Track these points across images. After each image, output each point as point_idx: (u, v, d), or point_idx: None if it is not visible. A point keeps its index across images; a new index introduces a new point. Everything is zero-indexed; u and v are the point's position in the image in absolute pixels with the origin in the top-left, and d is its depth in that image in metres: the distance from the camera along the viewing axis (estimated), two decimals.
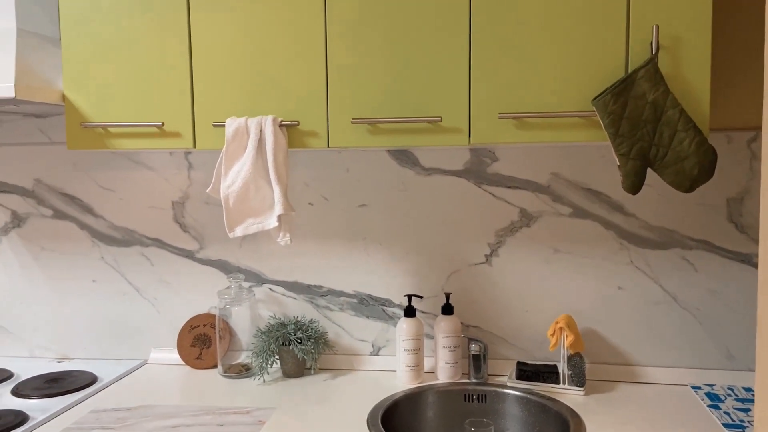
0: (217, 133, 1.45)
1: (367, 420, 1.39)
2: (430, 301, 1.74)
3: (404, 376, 1.61)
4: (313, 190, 1.77)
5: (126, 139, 1.47)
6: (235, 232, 1.45)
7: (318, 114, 1.41)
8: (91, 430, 1.36)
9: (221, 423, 1.39)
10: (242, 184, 1.42)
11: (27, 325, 1.90)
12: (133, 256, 1.85)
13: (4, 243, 1.89)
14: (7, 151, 1.87)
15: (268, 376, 1.69)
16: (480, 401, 1.56)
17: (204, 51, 1.43)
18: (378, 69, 1.37)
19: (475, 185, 1.69)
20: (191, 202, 1.82)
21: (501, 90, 1.33)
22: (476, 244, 1.71)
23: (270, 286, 1.81)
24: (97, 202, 1.85)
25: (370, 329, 1.77)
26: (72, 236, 1.86)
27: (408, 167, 1.72)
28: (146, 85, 1.45)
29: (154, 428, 1.37)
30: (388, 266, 1.75)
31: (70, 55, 1.47)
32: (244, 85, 1.43)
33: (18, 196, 1.87)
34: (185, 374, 1.74)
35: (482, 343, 1.60)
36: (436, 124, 1.36)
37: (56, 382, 1.64)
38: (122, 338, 1.87)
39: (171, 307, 1.85)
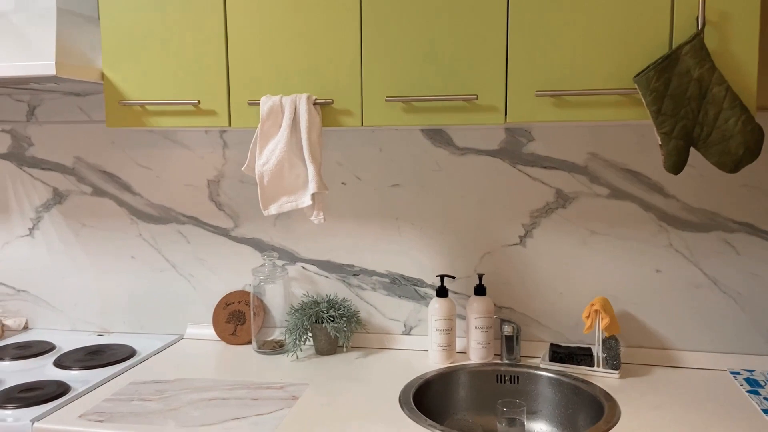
0: (252, 111, 1.46)
1: (399, 398, 1.39)
2: (463, 281, 1.73)
3: (436, 356, 1.62)
4: (345, 170, 1.77)
5: (163, 117, 1.49)
6: (269, 210, 1.46)
7: (352, 92, 1.40)
8: (130, 401, 1.40)
9: (256, 397, 1.41)
10: (277, 162, 1.43)
11: (68, 299, 1.95)
12: (170, 233, 1.88)
13: (46, 219, 1.94)
14: (48, 129, 1.91)
15: (301, 353, 1.71)
16: (512, 382, 1.55)
17: (239, 29, 1.43)
18: (413, 46, 1.36)
19: (510, 165, 1.67)
20: (226, 180, 1.84)
21: (539, 67, 1.30)
22: (510, 225, 1.69)
23: (303, 265, 1.83)
24: (135, 179, 1.88)
25: (401, 309, 1.77)
26: (111, 213, 1.90)
27: (442, 147, 1.70)
28: (183, 64, 1.46)
29: (191, 400, 1.40)
30: (420, 246, 1.74)
31: (109, 34, 1.49)
32: (279, 63, 1.43)
33: (59, 174, 1.92)
34: (220, 349, 1.77)
35: (515, 325, 1.59)
36: (472, 103, 1.34)
37: (96, 355, 1.69)
38: (159, 313, 1.91)
39: (206, 284, 1.88)
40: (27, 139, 1.92)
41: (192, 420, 1.29)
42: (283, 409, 1.35)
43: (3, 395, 1.42)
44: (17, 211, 1.95)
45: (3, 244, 1.97)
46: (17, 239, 1.96)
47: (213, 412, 1.33)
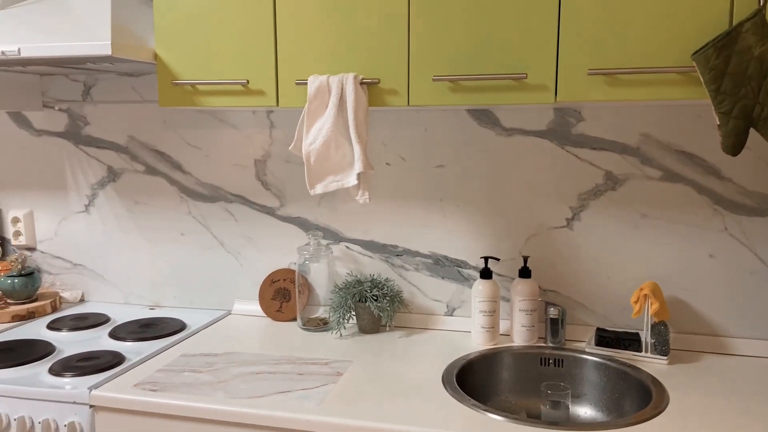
0: (300, 91, 1.47)
1: (442, 377, 1.40)
2: (507, 264, 1.72)
3: (479, 337, 1.61)
4: (390, 150, 1.77)
5: (213, 96, 1.52)
6: (315, 190, 1.48)
7: (399, 71, 1.40)
8: (182, 373, 1.44)
9: (301, 372, 1.44)
10: (323, 141, 1.44)
11: (122, 273, 2.02)
12: (218, 211, 1.92)
13: (101, 196, 2.01)
14: (103, 108, 1.97)
15: (344, 331, 1.74)
16: (556, 365, 1.54)
17: (288, 9, 1.44)
18: (461, 24, 1.34)
19: (559, 146, 1.64)
20: (272, 160, 1.86)
21: (591, 44, 1.27)
22: (557, 208, 1.66)
23: (347, 244, 1.84)
24: (185, 158, 1.92)
25: (444, 290, 1.77)
26: (162, 191, 1.95)
27: (488, 127, 1.69)
28: (232, 44, 1.48)
29: (239, 373, 1.44)
30: (464, 228, 1.74)
31: (162, 15, 1.52)
32: (326, 43, 1.43)
33: (113, 152, 1.98)
34: (266, 325, 1.81)
35: (561, 308, 1.57)
36: (521, 82, 1.32)
37: (149, 327, 1.75)
38: (208, 289, 1.96)
39: (253, 261, 1.92)
40: (83, 119, 1.98)
41: (240, 392, 1.33)
42: (328, 384, 1.37)
43: (61, 364, 1.48)
44: (74, 188, 2.02)
45: (60, 219, 2.05)
46: (74, 215, 2.04)
47: (260, 385, 1.36)
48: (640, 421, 1.20)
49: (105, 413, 1.34)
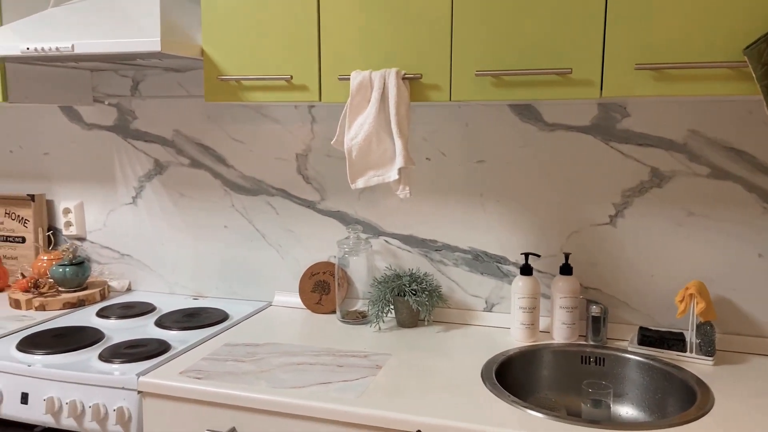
0: (342, 86, 1.48)
1: (481, 373, 1.40)
2: (548, 260, 1.70)
3: (518, 334, 1.61)
4: (430, 145, 1.77)
5: (257, 91, 1.54)
6: (356, 184, 1.49)
7: (441, 67, 1.40)
8: (225, 362, 1.48)
9: (341, 364, 1.46)
10: (365, 136, 1.45)
11: (167, 264, 2.08)
12: (260, 204, 1.96)
13: (148, 189, 2.06)
14: (150, 103, 2.02)
15: (383, 324, 1.75)
16: (598, 364, 1.53)
17: (332, 5, 1.45)
18: (504, 18, 1.33)
19: (602, 142, 1.62)
20: (314, 154, 1.88)
21: (639, 38, 1.25)
22: (600, 204, 1.64)
23: (386, 239, 1.85)
24: (229, 152, 1.96)
25: (484, 285, 1.77)
26: (206, 184, 2.00)
27: (530, 122, 1.67)
28: (277, 40, 1.50)
29: (280, 363, 1.46)
30: (504, 223, 1.73)
31: (209, 12, 1.55)
32: (369, 39, 1.44)
33: (160, 146, 2.03)
34: (306, 317, 1.83)
35: (603, 306, 1.55)
36: (566, 76, 1.31)
37: (193, 317, 1.80)
38: (249, 280, 2.00)
39: (293, 254, 1.95)
40: (131, 113, 2.04)
41: (282, 382, 1.36)
42: (368, 377, 1.39)
43: (111, 350, 1.54)
44: (122, 180, 2.08)
45: (109, 211, 2.11)
46: (122, 207, 2.10)
47: (301, 376, 1.39)
48: (683, 422, 1.18)
49: (152, 399, 1.39)
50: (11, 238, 2.16)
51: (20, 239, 2.16)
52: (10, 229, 2.16)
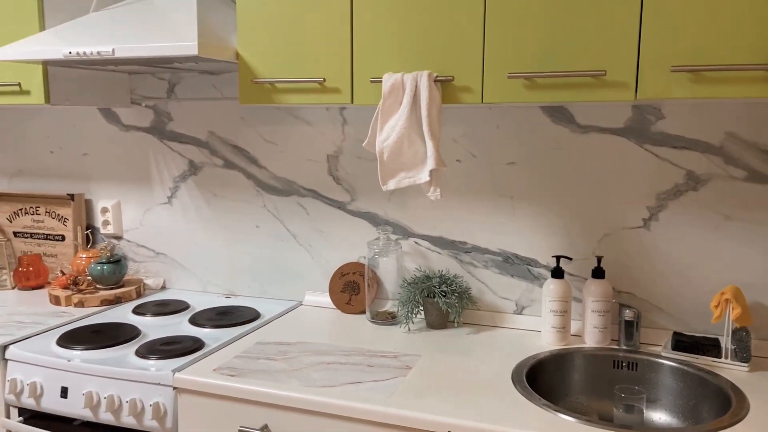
0: (374, 88, 1.49)
1: (511, 375, 1.40)
2: (580, 263, 1.69)
3: (549, 337, 1.60)
4: (461, 147, 1.77)
5: (291, 94, 1.56)
6: (388, 185, 1.50)
7: (473, 69, 1.40)
8: (257, 360, 1.50)
9: (371, 364, 1.47)
10: (396, 138, 1.46)
11: (200, 262, 2.12)
12: (291, 205, 1.98)
13: (182, 189, 2.10)
14: (186, 105, 2.06)
15: (413, 325, 1.76)
16: (630, 369, 1.51)
17: (365, 9, 1.46)
18: (537, 20, 1.33)
19: (636, 144, 1.60)
20: (344, 155, 1.90)
21: (676, 39, 1.23)
22: (634, 207, 1.62)
23: (416, 240, 1.86)
24: (261, 154, 1.99)
25: (514, 288, 1.77)
26: (239, 185, 2.03)
27: (562, 124, 1.66)
28: (310, 44, 1.52)
29: (311, 362, 1.48)
30: (535, 226, 1.72)
31: (245, 17, 1.58)
32: (401, 42, 1.45)
33: (194, 147, 2.07)
34: (336, 317, 1.85)
35: (636, 310, 1.54)
36: (599, 78, 1.30)
37: (225, 315, 1.83)
38: (280, 280, 2.03)
39: (323, 254, 1.97)
40: (167, 115, 2.08)
41: (313, 381, 1.37)
42: (398, 377, 1.40)
43: (147, 347, 1.57)
44: (158, 180, 2.13)
45: (145, 210, 2.16)
46: (157, 206, 2.15)
47: (332, 375, 1.40)
48: (718, 428, 1.16)
49: (187, 395, 1.42)
50: (51, 236, 2.23)
51: (60, 237, 2.22)
52: (50, 227, 2.23)
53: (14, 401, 1.58)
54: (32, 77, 1.81)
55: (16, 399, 1.57)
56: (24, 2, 1.79)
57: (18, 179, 2.34)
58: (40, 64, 1.77)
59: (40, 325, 1.75)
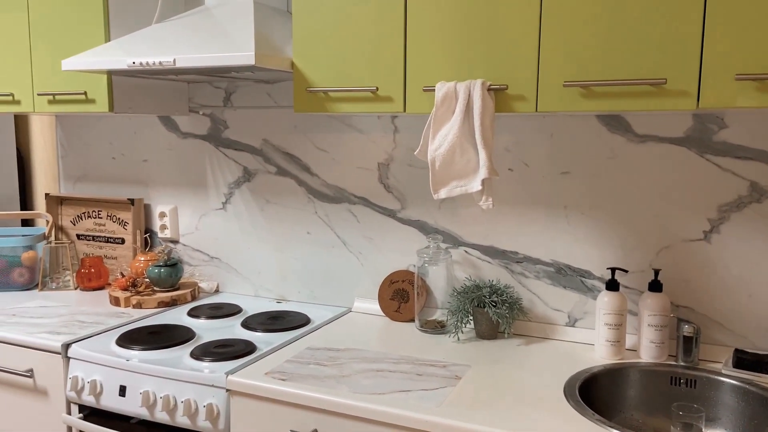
0: (427, 97, 1.50)
1: (563, 389, 1.37)
2: (636, 276, 1.65)
3: (603, 351, 1.56)
4: (513, 156, 1.75)
5: (344, 103, 1.58)
6: (439, 194, 1.50)
7: (527, 77, 1.38)
8: (308, 365, 1.52)
9: (420, 373, 1.47)
10: (449, 147, 1.46)
11: (253, 267, 2.16)
12: (342, 212, 2.00)
13: (237, 195, 2.15)
14: (241, 113, 2.11)
15: (462, 335, 1.75)
16: (688, 386, 1.46)
17: (418, 19, 1.47)
18: (594, 27, 1.30)
19: (697, 154, 1.55)
20: (395, 164, 1.91)
21: (740, 46, 1.19)
22: (694, 219, 1.57)
23: (466, 249, 1.85)
24: (313, 161, 2.02)
25: (566, 299, 1.73)
26: (291, 192, 2.07)
27: (619, 133, 1.63)
28: (364, 53, 1.54)
29: (361, 369, 1.49)
30: (589, 237, 1.69)
31: (300, 27, 1.60)
32: (454, 50, 1.45)
33: (249, 154, 2.12)
34: (385, 324, 1.86)
35: (695, 325, 1.49)
36: (659, 87, 1.27)
37: (276, 320, 1.86)
38: (330, 286, 2.05)
39: (373, 262, 1.98)
40: (223, 122, 2.14)
41: (363, 388, 1.38)
42: (447, 387, 1.39)
43: (201, 349, 1.61)
44: (213, 186, 2.19)
45: (201, 215, 2.22)
46: (213, 212, 2.20)
47: (381, 383, 1.41)
48: None
49: (239, 397, 1.45)
50: (112, 239, 2.32)
51: (120, 240, 2.30)
52: (111, 230, 2.32)
53: (75, 398, 1.64)
54: (97, 86, 1.89)
55: (77, 396, 1.64)
56: (91, 14, 1.87)
57: (82, 184, 2.44)
58: (105, 73, 1.84)
59: (101, 325, 1.82)
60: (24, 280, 2.20)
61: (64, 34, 1.92)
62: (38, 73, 1.98)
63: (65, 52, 1.93)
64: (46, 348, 1.68)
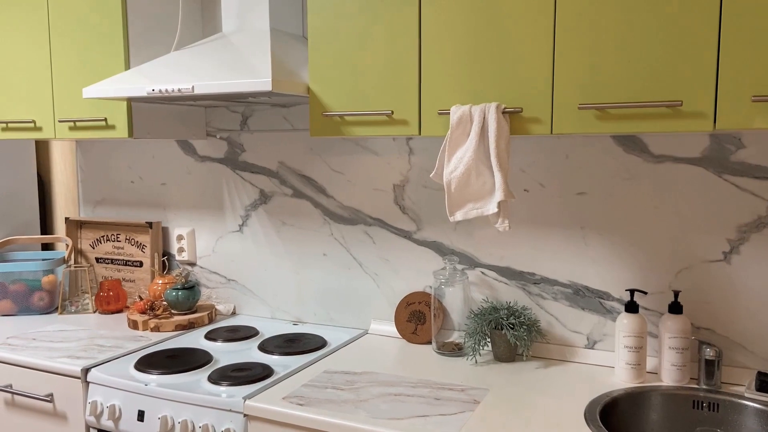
0: (441, 120, 1.50)
1: (584, 413, 1.36)
2: (655, 297, 1.63)
3: (623, 374, 1.54)
4: (529, 177, 1.75)
5: (359, 126, 1.60)
6: (455, 217, 1.50)
7: (542, 100, 1.39)
8: (325, 389, 1.52)
9: (438, 397, 1.46)
10: (464, 170, 1.46)
11: (269, 289, 2.17)
12: (358, 233, 2.01)
13: (253, 217, 2.17)
14: (258, 136, 2.13)
15: (480, 358, 1.73)
16: (711, 410, 1.43)
17: (432, 44, 1.49)
18: (609, 49, 1.31)
19: (715, 175, 1.54)
20: (411, 185, 1.91)
21: (756, 68, 1.19)
22: (713, 240, 1.55)
23: (482, 270, 1.84)
24: (329, 183, 2.03)
25: (585, 321, 1.72)
26: (307, 213, 2.08)
27: (635, 154, 1.62)
28: (379, 78, 1.55)
29: (378, 393, 1.48)
30: (607, 258, 1.67)
31: (316, 53, 1.62)
32: (469, 74, 1.46)
33: (265, 177, 2.13)
34: (401, 347, 1.85)
35: (717, 348, 1.46)
36: (675, 109, 1.26)
37: (293, 342, 1.86)
38: (346, 308, 2.05)
39: (389, 283, 1.98)
40: (240, 146, 2.17)
41: (381, 413, 1.37)
42: (465, 412, 1.38)
43: (219, 373, 1.62)
44: (230, 209, 2.20)
45: (217, 238, 2.24)
46: (229, 234, 2.22)
47: (399, 407, 1.40)
48: None
49: (257, 422, 1.45)
50: (130, 262, 2.34)
51: (138, 263, 2.33)
52: (129, 254, 2.34)
53: (94, 423, 1.65)
54: (117, 113, 1.93)
55: (96, 421, 1.65)
56: (111, 43, 1.91)
57: (101, 207, 2.47)
58: (125, 100, 1.88)
59: (120, 349, 1.83)
60: (44, 303, 2.23)
61: (84, 62, 1.97)
62: (59, 100, 2.02)
63: (86, 80, 1.97)
64: (66, 372, 1.70)
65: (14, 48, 2.08)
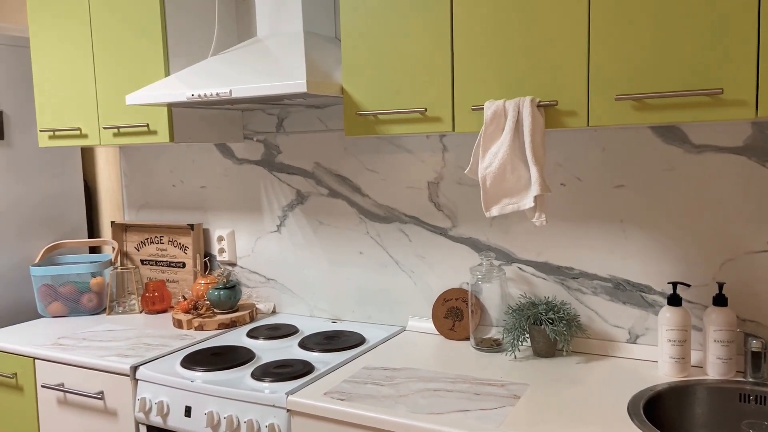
0: (475, 116, 1.51)
1: (627, 408, 1.34)
2: (699, 290, 1.60)
3: (667, 368, 1.52)
4: (565, 170, 1.74)
5: (393, 125, 1.61)
6: (491, 212, 1.50)
7: (577, 92, 1.38)
8: (365, 384, 1.54)
9: (477, 392, 1.46)
10: (499, 165, 1.46)
11: (308, 288, 2.20)
12: (394, 231, 2.02)
13: (290, 218, 2.21)
14: (294, 138, 2.17)
15: (518, 353, 1.73)
16: (758, 403, 1.40)
17: (465, 39, 1.49)
18: (646, 38, 1.29)
19: (758, 164, 1.50)
20: (445, 182, 1.92)
21: None
22: (757, 230, 1.52)
23: (519, 266, 1.84)
24: (364, 182, 2.05)
25: (626, 316, 1.69)
26: (343, 213, 2.10)
27: (675, 144, 1.59)
28: (412, 76, 1.56)
29: (418, 389, 1.50)
30: (648, 251, 1.65)
31: (349, 54, 1.64)
32: (502, 68, 1.45)
33: (301, 177, 2.17)
34: (439, 343, 1.86)
35: (764, 340, 1.43)
36: (715, 97, 1.24)
37: (332, 340, 1.88)
38: (384, 305, 2.06)
39: (426, 280, 1.98)
40: (276, 148, 2.20)
41: (420, 408, 1.38)
42: (506, 407, 1.38)
43: (262, 370, 1.65)
44: (268, 210, 2.25)
45: (256, 239, 2.29)
46: (268, 234, 2.26)
47: (439, 402, 1.41)
48: None
49: (300, 417, 1.47)
50: (174, 263, 2.40)
51: (181, 264, 2.39)
52: (172, 255, 2.41)
53: (143, 419, 1.71)
54: (158, 118, 1.98)
55: (145, 417, 1.70)
56: (151, 51, 1.97)
57: (144, 211, 2.55)
58: (165, 106, 1.93)
59: (166, 347, 1.89)
60: (93, 305, 2.31)
61: (126, 71, 2.03)
62: (103, 108, 2.09)
63: (128, 88, 2.03)
64: (116, 370, 1.76)
65: (61, 61, 2.16)
